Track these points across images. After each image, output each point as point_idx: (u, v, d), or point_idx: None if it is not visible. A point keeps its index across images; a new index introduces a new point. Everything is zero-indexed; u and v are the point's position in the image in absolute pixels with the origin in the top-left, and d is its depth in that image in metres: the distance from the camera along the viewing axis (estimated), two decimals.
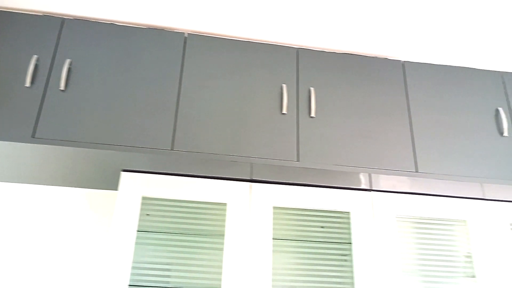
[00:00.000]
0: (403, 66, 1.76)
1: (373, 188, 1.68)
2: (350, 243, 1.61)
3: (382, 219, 1.64)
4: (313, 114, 1.59)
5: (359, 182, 1.62)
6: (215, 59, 1.63)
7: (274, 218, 1.61)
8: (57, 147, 1.40)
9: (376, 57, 1.76)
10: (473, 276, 1.62)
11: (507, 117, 1.73)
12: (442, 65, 1.78)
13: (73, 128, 1.43)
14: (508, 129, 1.71)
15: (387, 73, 1.73)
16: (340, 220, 1.65)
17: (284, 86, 1.60)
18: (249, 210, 1.57)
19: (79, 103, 1.47)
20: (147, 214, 1.57)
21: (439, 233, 1.68)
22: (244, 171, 1.56)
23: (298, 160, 1.53)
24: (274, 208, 1.62)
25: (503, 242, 1.67)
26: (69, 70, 1.51)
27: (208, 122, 1.52)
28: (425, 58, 1.81)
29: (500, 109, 1.72)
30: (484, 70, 1.80)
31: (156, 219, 1.55)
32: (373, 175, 1.57)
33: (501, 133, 1.70)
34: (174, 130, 1.49)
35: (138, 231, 1.51)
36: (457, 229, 1.70)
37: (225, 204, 1.59)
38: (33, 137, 1.39)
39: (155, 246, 1.50)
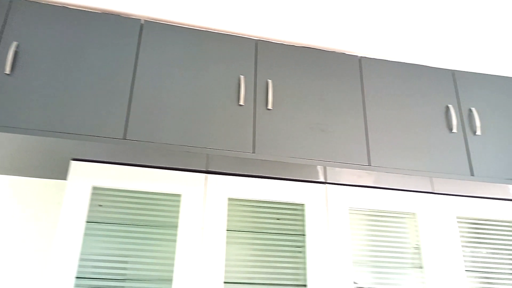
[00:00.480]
0: (359, 62, 1.79)
1: (328, 181, 1.70)
2: (304, 234, 1.62)
3: (335, 211, 1.66)
4: (270, 106, 1.59)
5: (314, 174, 1.64)
6: (172, 47, 1.59)
7: (228, 210, 1.61)
8: (2, 134, 1.33)
9: (334, 51, 1.78)
10: (421, 267, 1.68)
11: (456, 114, 1.80)
12: (397, 61, 1.83)
13: (19, 114, 1.36)
14: (457, 125, 1.78)
15: (344, 68, 1.76)
16: (295, 212, 1.66)
17: (242, 77, 1.60)
18: (204, 201, 1.56)
19: (26, 88, 1.40)
20: (100, 205, 1.53)
21: (390, 225, 1.73)
22: (200, 162, 1.55)
23: (254, 152, 1.53)
24: (229, 199, 1.62)
25: (450, 234, 1.74)
26: (16, 53, 1.44)
27: (163, 111, 1.49)
28: (381, 54, 1.85)
29: (450, 106, 1.78)
30: (437, 68, 1.86)
31: (108, 210, 1.51)
32: (328, 168, 1.59)
33: (450, 130, 1.77)
34: (127, 119, 1.45)
35: (87, 222, 1.47)
36: (407, 221, 1.76)
37: (179, 195, 1.57)
38: None
39: (107, 237, 1.46)
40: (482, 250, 1.79)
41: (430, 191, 1.79)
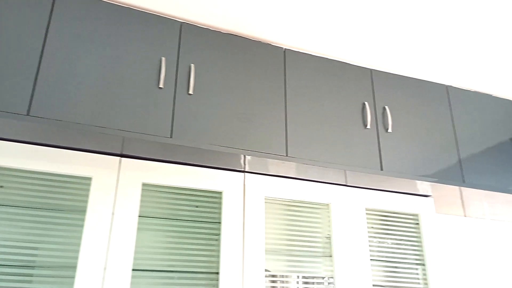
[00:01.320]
0: (284, 54, 1.81)
1: (246, 170, 1.71)
2: (220, 222, 1.62)
3: (252, 199, 1.68)
4: (191, 91, 1.56)
5: (233, 162, 1.64)
6: (89, 21, 1.50)
7: (143, 195, 1.56)
8: None
9: (259, 41, 1.79)
10: (330, 256, 1.75)
11: (371, 111, 1.89)
12: (320, 56, 1.88)
13: None
14: (371, 122, 1.87)
15: (268, 58, 1.77)
16: (212, 199, 1.65)
17: (163, 59, 1.55)
18: (116, 186, 1.50)
19: None
20: (0, 186, 1.41)
21: (304, 215, 1.79)
22: (114, 145, 1.48)
23: (171, 137, 1.49)
24: (144, 184, 1.57)
25: (359, 224, 1.83)
26: None
27: (74, 88, 1.40)
28: (306, 47, 1.89)
29: (366, 103, 1.87)
30: (356, 65, 1.94)
31: (10, 192, 1.40)
32: (246, 157, 1.60)
33: (365, 126, 1.86)
34: (32, 94, 1.34)
35: None
36: (321, 212, 1.82)
37: (90, 179, 1.49)
38: None
39: (11, 221, 1.35)
40: (387, 241, 1.90)
41: (343, 183, 1.87)
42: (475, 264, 2.34)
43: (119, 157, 1.54)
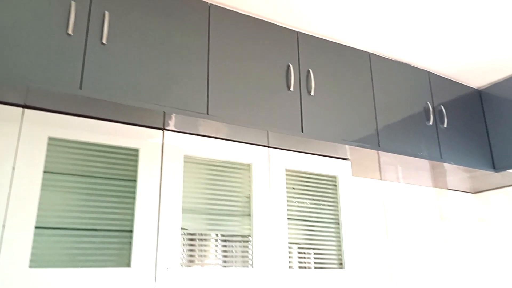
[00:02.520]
0: (209, 9, 1.75)
1: (165, 127, 1.66)
2: (136, 180, 1.57)
3: (170, 157, 1.64)
4: (104, 40, 1.46)
5: (151, 119, 1.58)
6: None
7: (49, 150, 1.46)
8: None
9: None
10: (249, 215, 1.78)
11: (295, 74, 1.90)
12: (246, 15, 1.83)
13: None
14: (294, 84, 1.88)
15: (192, 13, 1.70)
16: (128, 157, 1.59)
17: (73, 3, 1.42)
18: (18, 139, 1.38)
19: None
20: None
21: (225, 175, 1.78)
22: (16, 96, 1.35)
23: (80, 88, 1.39)
24: (50, 139, 1.46)
25: (279, 185, 1.86)
26: None
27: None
28: (231, 4, 1.83)
29: (291, 65, 1.87)
30: (283, 27, 1.92)
31: None
32: (166, 114, 1.54)
33: (289, 88, 1.86)
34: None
35: None
36: (242, 172, 1.82)
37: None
38: None
39: None
40: (306, 201, 1.96)
41: (265, 144, 1.88)
42: (388, 225, 2.50)
43: (22, 108, 1.42)
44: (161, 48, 1.59)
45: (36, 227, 1.36)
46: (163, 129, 1.66)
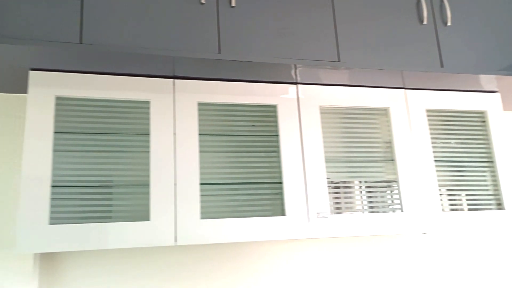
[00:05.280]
0: None
1: (298, 81, 1.68)
2: (278, 135, 1.63)
3: (307, 110, 1.66)
4: (233, 4, 1.52)
5: (284, 75, 1.62)
6: None
7: (200, 115, 1.59)
8: None
9: None
10: (392, 160, 1.73)
11: (427, 5, 1.75)
12: None
13: None
14: (427, 17, 1.74)
15: None
16: (267, 114, 1.66)
17: None
18: (174, 107, 1.53)
19: None
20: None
21: (362, 122, 1.75)
22: (166, 67, 1.50)
23: (219, 53, 1.48)
24: (200, 104, 1.59)
25: (420, 126, 1.77)
26: None
27: (119, 13, 1.41)
28: None
29: None
30: None
31: (75, 120, 1.48)
32: (298, 67, 1.56)
33: (421, 21, 1.73)
34: (82, 21, 1.37)
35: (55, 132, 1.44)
36: (379, 117, 1.77)
37: (148, 102, 1.54)
38: None
39: (76, 146, 1.45)
40: (452, 141, 1.84)
41: (401, 86, 1.79)
42: None
43: (172, 79, 1.56)
44: (287, 2, 1.59)
45: (201, 184, 1.51)
46: (296, 83, 1.69)
